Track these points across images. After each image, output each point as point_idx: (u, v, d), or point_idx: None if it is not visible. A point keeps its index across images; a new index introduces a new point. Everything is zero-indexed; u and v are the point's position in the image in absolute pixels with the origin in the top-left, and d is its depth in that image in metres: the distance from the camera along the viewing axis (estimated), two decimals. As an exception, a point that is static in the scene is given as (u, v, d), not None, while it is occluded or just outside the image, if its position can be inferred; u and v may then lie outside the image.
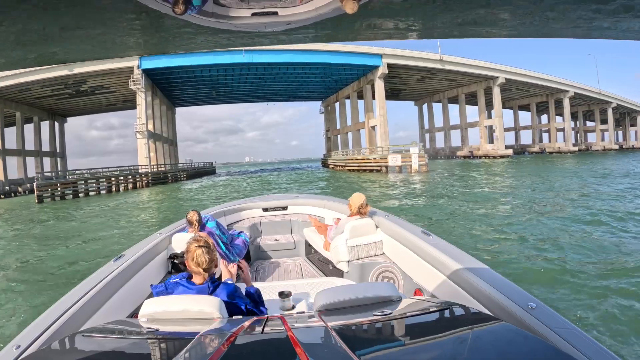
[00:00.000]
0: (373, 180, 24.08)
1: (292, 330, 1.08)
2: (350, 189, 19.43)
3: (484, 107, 55.47)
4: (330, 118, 57.68)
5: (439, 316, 1.28)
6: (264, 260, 4.21)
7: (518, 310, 1.54)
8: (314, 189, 21.64)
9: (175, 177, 40.14)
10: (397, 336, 1.20)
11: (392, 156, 27.60)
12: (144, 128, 35.45)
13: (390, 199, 14.70)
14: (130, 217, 13.91)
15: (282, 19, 1.33)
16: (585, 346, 1.25)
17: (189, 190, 26.92)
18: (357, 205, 3.30)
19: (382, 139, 38.40)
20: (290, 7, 1.32)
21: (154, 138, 39.61)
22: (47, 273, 6.51)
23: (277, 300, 2.20)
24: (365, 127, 42.55)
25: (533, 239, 6.86)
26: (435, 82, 53.77)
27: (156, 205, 18.61)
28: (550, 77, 59.56)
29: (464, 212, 10.57)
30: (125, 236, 9.60)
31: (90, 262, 6.90)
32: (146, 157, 35.35)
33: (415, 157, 26.09)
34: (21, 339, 1.54)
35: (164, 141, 46.72)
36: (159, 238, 3.23)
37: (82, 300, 1.93)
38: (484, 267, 2.03)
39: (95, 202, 21.96)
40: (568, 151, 61.65)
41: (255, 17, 1.33)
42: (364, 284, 2.30)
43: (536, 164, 35.42)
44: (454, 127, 59.73)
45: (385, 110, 39.05)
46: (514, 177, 21.21)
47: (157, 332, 1.24)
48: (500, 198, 13.10)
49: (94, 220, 13.51)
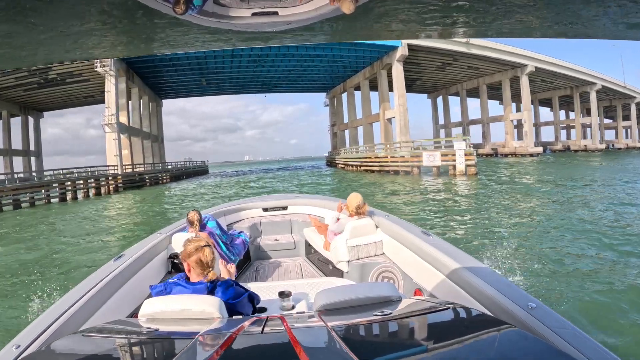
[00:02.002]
0: (403, 187, 17.81)
1: (292, 330, 1.07)
2: (396, 207, 13.13)
3: (510, 100, 49.33)
4: (336, 111, 51.06)
5: (439, 316, 1.26)
6: (264, 260, 4.19)
7: (518, 311, 1.52)
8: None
9: (156, 179, 33.70)
10: (397, 336, 1.18)
11: (427, 154, 21.08)
12: (114, 120, 28.97)
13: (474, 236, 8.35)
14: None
15: (282, 19, 1.33)
16: (585, 346, 1.23)
17: (161, 199, 20.56)
18: (354, 206, 3.30)
19: (402, 133, 32.06)
20: (290, 7, 1.32)
21: (130, 133, 33.17)
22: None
23: (277, 300, 2.16)
24: (380, 119, 36.12)
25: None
26: (455, 71, 47.59)
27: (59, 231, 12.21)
28: (579, 67, 53.63)
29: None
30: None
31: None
32: (116, 156, 28.91)
33: (461, 154, 19.61)
34: (21, 338, 1.53)
35: (145, 137, 40.27)
36: (159, 238, 3.21)
37: (82, 300, 1.93)
38: (484, 267, 2.04)
39: (30, 215, 15.65)
40: (596, 149, 56.26)
41: (256, 17, 1.33)
42: (363, 284, 2.28)
43: (579, 163, 30.02)
44: (474, 121, 53.47)
45: (405, 99, 32.71)
46: (603, 184, 15.05)
47: (157, 332, 1.23)
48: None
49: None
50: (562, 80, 54.75)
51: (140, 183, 30.25)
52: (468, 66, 45.44)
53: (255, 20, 1.33)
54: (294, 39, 1.56)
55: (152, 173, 33.26)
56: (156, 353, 1.13)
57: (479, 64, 44.58)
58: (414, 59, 37.33)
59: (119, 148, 29.12)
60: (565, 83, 56.88)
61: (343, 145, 49.35)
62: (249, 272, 3.87)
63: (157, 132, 46.23)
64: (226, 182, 31.77)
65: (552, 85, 58.73)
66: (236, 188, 25.05)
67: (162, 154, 48.00)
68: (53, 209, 19.03)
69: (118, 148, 29.05)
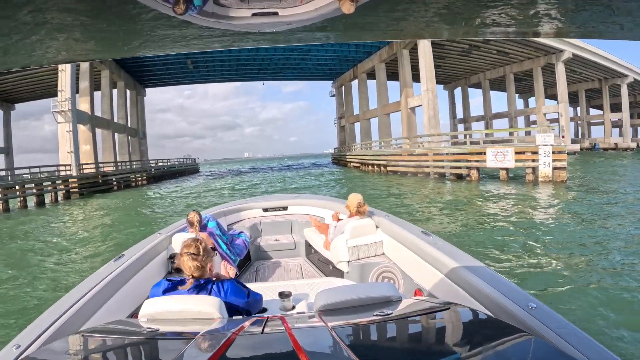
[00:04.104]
0: (468, 200, 11.69)
1: (292, 331, 1.07)
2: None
3: (542, 91, 43.33)
4: (344, 102, 44.63)
5: (439, 316, 1.26)
6: (264, 260, 4.18)
7: (518, 311, 1.52)
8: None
9: (127, 181, 27.33)
10: (397, 336, 1.16)
11: (494, 150, 14.58)
12: (67, 107, 22.58)
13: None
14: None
15: (282, 19, 1.32)
16: (585, 346, 1.23)
17: (99, 214, 14.25)
18: (355, 205, 3.28)
19: (431, 125, 25.86)
20: (290, 7, 1.31)
21: (94, 123, 26.81)
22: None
23: (277, 301, 2.14)
24: (400, 108, 29.81)
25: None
26: (481, 56, 41.56)
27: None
28: (613, 57, 47.93)
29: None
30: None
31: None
32: (70, 152, 22.55)
33: (548, 152, 13.31)
34: (21, 338, 1.53)
35: (119, 130, 33.88)
36: (159, 238, 3.19)
37: (82, 300, 1.91)
38: (484, 267, 2.01)
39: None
40: (627, 148, 50.87)
41: (256, 18, 1.32)
42: (364, 284, 2.28)
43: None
44: (499, 115, 47.39)
45: (434, 83, 26.47)
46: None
47: (157, 332, 1.22)
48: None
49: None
50: (594, 71, 49.10)
51: (106, 187, 23.91)
52: (497, 50, 39.44)
53: (256, 21, 1.31)
54: (305, 35, 1.48)
55: (122, 174, 26.82)
56: (156, 353, 1.10)
57: (510, 48, 38.63)
58: (437, 40, 31.18)
59: (74, 142, 22.71)
60: (595, 74, 51.22)
61: (353, 140, 42.92)
62: (249, 273, 3.84)
63: (137, 125, 39.81)
64: (206, 189, 25.45)
65: (581, 77, 52.96)
66: (213, 197, 18.74)
67: (143, 150, 41.60)
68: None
69: (73, 142, 22.65)
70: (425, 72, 26.11)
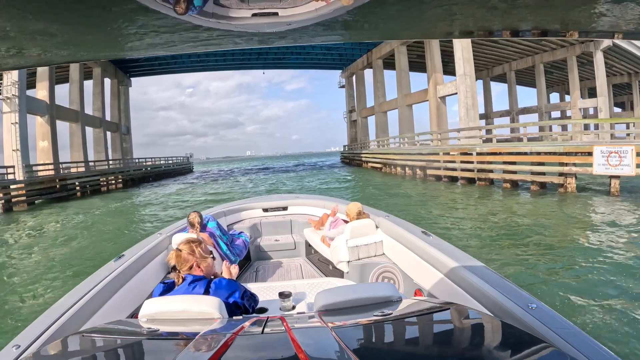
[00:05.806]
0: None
1: (292, 331, 1.07)
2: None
3: (578, 83, 38.50)
4: (356, 93, 39.46)
5: (439, 317, 1.25)
6: (264, 260, 4.17)
7: (518, 311, 1.51)
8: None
9: (95, 185, 22.38)
10: (397, 337, 1.16)
11: (604, 150, 9.75)
12: (13, 92, 17.62)
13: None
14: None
15: (282, 19, 1.31)
16: (586, 346, 1.22)
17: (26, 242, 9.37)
18: (355, 213, 3.32)
19: (469, 118, 20.96)
20: (290, 7, 1.30)
21: (55, 115, 21.88)
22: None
23: (277, 301, 2.15)
24: (428, 98, 24.83)
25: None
26: (509, 43, 36.75)
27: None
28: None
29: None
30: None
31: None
32: (15, 150, 17.62)
33: None
34: (21, 339, 1.52)
35: (93, 124, 28.91)
36: (159, 238, 3.18)
37: (82, 301, 1.90)
38: (484, 267, 1.99)
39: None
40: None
41: (256, 18, 1.31)
42: (364, 285, 2.20)
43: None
44: (527, 110, 42.46)
45: (472, 66, 21.52)
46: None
47: (157, 333, 1.22)
48: None
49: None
50: (626, 63, 44.32)
51: (65, 193, 18.98)
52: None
53: (256, 21, 1.30)
54: (312, 33, 1.44)
55: (88, 176, 21.85)
56: (156, 353, 1.09)
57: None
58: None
59: (21, 138, 17.76)
60: (625, 68, 46.45)
61: (365, 135, 37.82)
62: (249, 273, 3.83)
63: (118, 119, 34.86)
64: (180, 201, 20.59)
65: (611, 71, 48.15)
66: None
67: (126, 148, 36.67)
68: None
69: (20, 138, 17.70)
70: (462, 53, 21.18)
